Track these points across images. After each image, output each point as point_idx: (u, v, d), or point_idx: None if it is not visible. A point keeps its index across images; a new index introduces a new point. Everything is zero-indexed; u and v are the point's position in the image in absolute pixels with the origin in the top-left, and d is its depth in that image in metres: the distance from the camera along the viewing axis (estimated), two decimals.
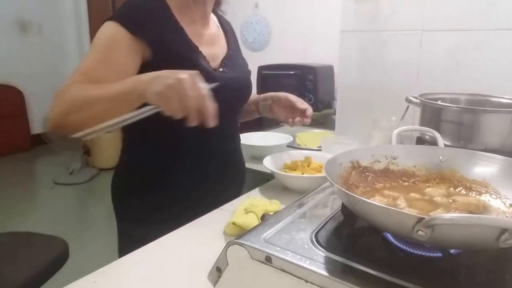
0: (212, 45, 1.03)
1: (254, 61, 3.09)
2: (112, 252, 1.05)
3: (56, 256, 1.35)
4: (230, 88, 0.98)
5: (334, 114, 1.62)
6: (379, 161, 0.68)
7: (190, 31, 0.96)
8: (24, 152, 4.40)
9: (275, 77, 2.69)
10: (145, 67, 0.87)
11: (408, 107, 1.13)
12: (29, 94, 4.50)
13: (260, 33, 3.41)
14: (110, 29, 0.87)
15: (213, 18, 1.10)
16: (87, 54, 0.87)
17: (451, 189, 0.64)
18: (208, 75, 0.86)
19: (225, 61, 1.04)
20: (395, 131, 0.75)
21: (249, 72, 1.16)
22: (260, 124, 2.96)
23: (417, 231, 0.40)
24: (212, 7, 1.07)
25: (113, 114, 0.71)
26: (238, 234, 0.67)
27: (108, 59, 0.84)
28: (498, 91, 1.05)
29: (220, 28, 1.12)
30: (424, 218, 0.40)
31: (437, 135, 0.76)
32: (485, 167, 0.64)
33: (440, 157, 0.68)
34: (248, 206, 0.87)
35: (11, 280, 1.22)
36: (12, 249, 1.43)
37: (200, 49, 0.97)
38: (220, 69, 1.02)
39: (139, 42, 0.87)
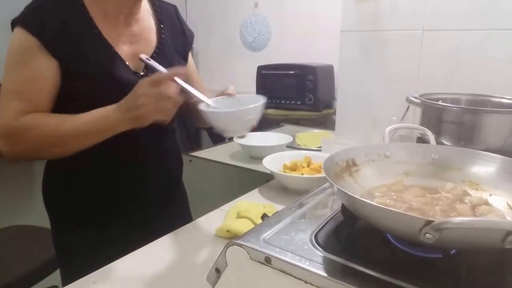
0: (134, 42, 0.92)
1: (253, 61, 3.11)
2: None
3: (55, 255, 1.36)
4: None
5: (334, 114, 1.61)
6: (373, 160, 0.67)
7: (105, 27, 0.86)
8: None
9: (275, 77, 2.69)
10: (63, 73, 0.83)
11: (408, 107, 1.12)
12: None
13: (260, 33, 3.41)
14: (19, 39, 0.81)
15: (145, 5, 0.97)
16: (7, 71, 0.82)
17: (443, 187, 0.64)
18: (123, 82, 0.84)
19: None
20: (387, 129, 0.75)
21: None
22: (259, 124, 2.96)
23: (425, 234, 0.40)
24: None
25: (90, 143, 0.80)
26: (230, 238, 0.66)
27: (33, 76, 0.81)
28: (499, 91, 1.05)
29: (152, 16, 0.99)
30: (432, 221, 0.39)
31: (429, 133, 0.76)
32: (478, 165, 0.64)
33: (432, 155, 0.68)
34: (241, 210, 0.86)
35: (9, 273, 1.23)
36: (15, 242, 1.46)
37: (116, 49, 0.87)
38: (141, 73, 0.91)
39: (48, 48, 0.81)
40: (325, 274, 0.44)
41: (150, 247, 0.77)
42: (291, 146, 1.49)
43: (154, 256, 0.75)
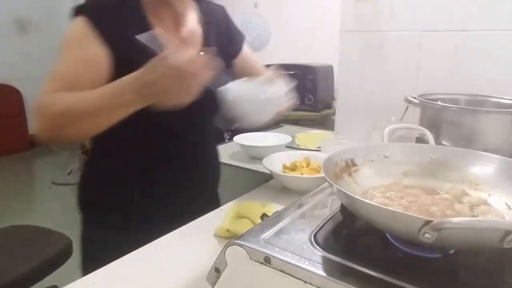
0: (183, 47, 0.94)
1: None
2: None
3: (56, 253, 1.36)
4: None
5: (334, 114, 1.61)
6: (372, 160, 0.67)
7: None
8: (22, 152, 4.39)
9: None
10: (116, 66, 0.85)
11: (407, 107, 1.12)
12: (27, 94, 4.49)
13: (260, 33, 3.41)
14: (76, 25, 0.85)
15: (192, 7, 1.00)
16: (60, 54, 0.85)
17: (442, 187, 0.64)
18: None
19: None
20: (386, 129, 0.75)
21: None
22: None
23: (424, 233, 0.40)
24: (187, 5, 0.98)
25: (107, 122, 0.77)
26: (229, 237, 0.66)
27: (82, 59, 0.83)
28: (498, 92, 1.05)
29: (200, 18, 1.01)
30: (432, 221, 0.40)
31: (428, 133, 0.76)
32: (477, 166, 0.64)
33: (431, 155, 0.68)
34: (240, 210, 0.86)
35: (8, 273, 1.24)
36: (15, 242, 1.47)
37: None
38: None
39: (105, 38, 0.84)
40: (324, 274, 0.44)
41: (149, 247, 0.77)
42: (290, 146, 1.49)
43: (154, 256, 0.75)
